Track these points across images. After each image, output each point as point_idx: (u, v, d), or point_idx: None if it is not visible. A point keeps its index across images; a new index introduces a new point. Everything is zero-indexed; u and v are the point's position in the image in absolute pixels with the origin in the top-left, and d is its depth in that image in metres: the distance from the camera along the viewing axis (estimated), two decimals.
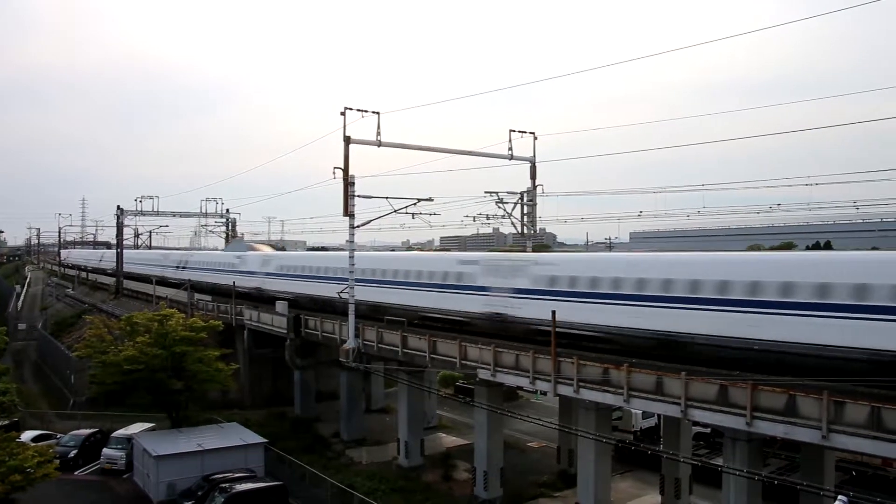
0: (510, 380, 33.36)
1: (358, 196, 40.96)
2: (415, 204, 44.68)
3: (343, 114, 39.49)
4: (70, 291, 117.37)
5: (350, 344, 41.68)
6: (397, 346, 39.30)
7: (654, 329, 31.41)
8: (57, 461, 33.18)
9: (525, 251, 47.95)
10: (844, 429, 21.17)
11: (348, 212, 40.82)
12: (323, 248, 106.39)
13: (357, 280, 42.92)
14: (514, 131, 46.42)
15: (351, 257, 42.32)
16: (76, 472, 41.05)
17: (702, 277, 30.45)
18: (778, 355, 26.78)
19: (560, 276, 36.96)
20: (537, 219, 49.62)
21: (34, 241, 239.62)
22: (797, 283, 27.09)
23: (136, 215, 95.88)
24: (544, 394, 35.34)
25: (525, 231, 49.54)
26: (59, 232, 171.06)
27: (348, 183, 40.17)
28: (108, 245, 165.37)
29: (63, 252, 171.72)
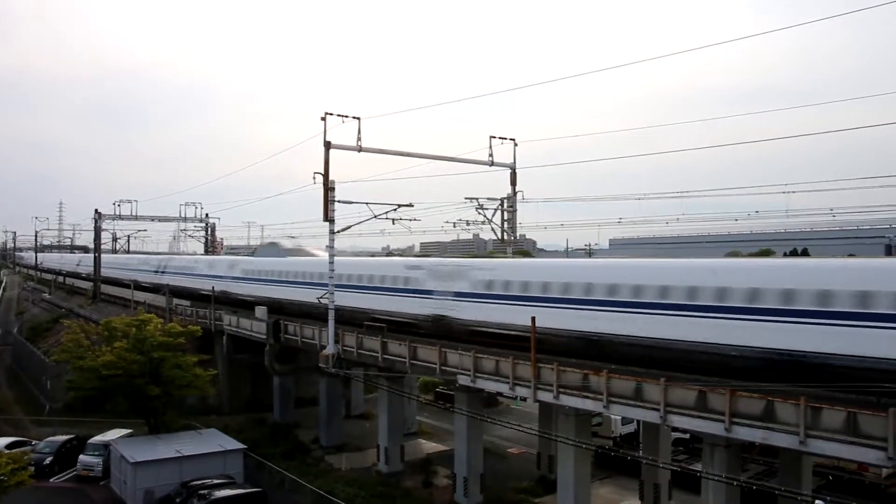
0: (490, 386, 33.38)
1: (338, 201, 40.83)
2: (395, 209, 44.55)
3: (324, 119, 39.41)
4: (46, 296, 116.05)
5: (330, 350, 41.53)
6: (377, 352, 39.21)
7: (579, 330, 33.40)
8: (32, 468, 32.74)
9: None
10: (821, 434, 21.37)
11: (328, 217, 40.71)
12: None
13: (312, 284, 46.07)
14: (494, 137, 46.49)
15: (331, 263, 42.12)
16: (52, 480, 40.54)
17: (619, 282, 32.57)
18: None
19: (496, 281, 38.92)
20: (517, 225, 49.75)
21: (9, 244, 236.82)
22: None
23: (114, 219, 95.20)
24: (524, 400, 35.48)
25: (505, 237, 49.65)
26: (36, 235, 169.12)
27: (328, 188, 40.07)
28: (85, 249, 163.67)
29: (39, 256, 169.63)
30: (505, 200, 48.72)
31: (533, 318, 30.61)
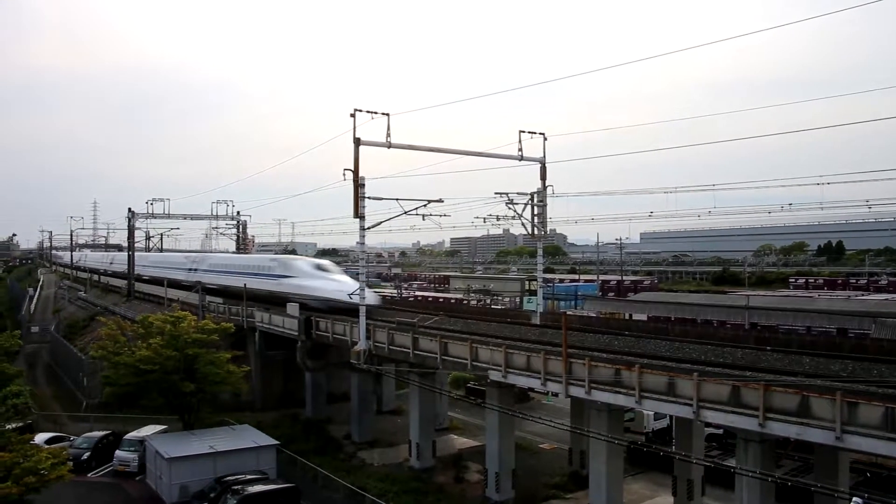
0: (521, 381, 33.32)
1: (368, 198, 40.98)
2: (425, 205, 44.64)
3: (353, 116, 39.48)
4: (82, 294, 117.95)
5: (361, 346, 41.73)
6: (408, 348, 39.32)
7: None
8: (70, 463, 33.26)
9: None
10: (858, 430, 20.99)
11: (359, 213, 40.88)
12: (334, 251, 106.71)
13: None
14: (523, 132, 46.22)
15: (362, 259, 42.35)
16: (89, 474, 41.25)
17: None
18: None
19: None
20: (548, 220, 49.47)
21: (46, 244, 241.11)
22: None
23: (147, 218, 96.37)
24: (556, 395, 35.40)
25: (535, 232, 49.47)
26: (71, 235, 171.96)
27: (359, 185, 40.22)
28: (119, 248, 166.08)
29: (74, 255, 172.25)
30: (535, 195, 48.48)
31: (564, 314, 30.50)
